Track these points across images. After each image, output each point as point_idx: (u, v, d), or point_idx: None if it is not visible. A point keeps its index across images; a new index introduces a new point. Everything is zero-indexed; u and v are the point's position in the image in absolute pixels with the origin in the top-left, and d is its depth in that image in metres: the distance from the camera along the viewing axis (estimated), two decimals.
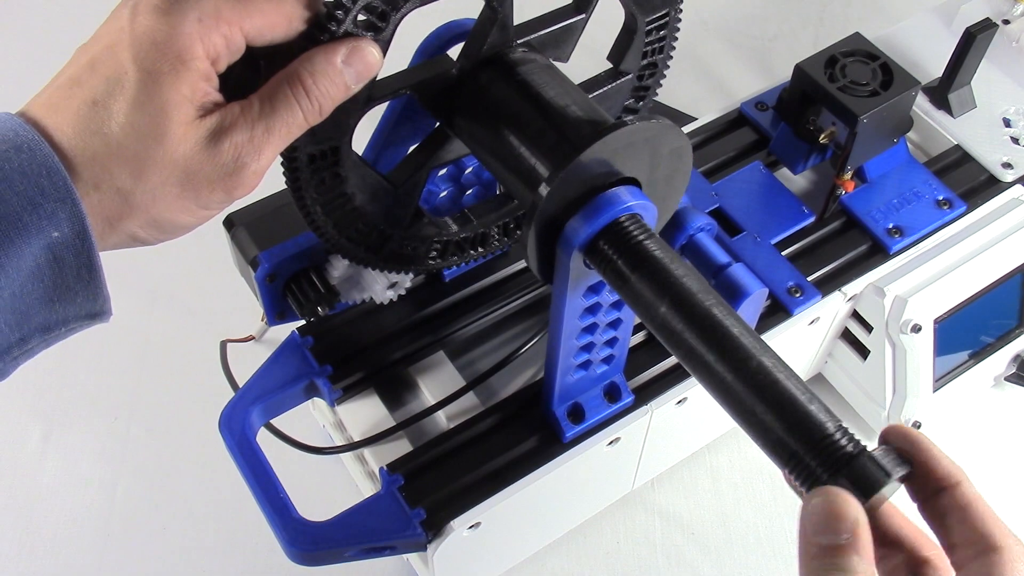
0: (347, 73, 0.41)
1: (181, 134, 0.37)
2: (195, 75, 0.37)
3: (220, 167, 0.38)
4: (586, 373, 0.55)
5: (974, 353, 0.70)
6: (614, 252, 0.43)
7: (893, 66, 0.64)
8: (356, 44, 0.41)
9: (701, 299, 0.41)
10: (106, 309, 0.39)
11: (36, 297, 0.37)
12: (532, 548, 0.66)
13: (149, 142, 0.37)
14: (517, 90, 0.47)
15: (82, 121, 0.36)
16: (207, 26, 0.37)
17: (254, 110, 0.39)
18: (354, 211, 0.49)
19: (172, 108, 0.37)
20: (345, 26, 0.40)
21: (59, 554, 0.71)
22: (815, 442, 0.37)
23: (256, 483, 0.53)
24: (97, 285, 0.38)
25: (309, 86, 0.40)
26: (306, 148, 0.44)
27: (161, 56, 0.36)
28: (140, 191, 0.37)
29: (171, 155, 0.37)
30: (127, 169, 0.37)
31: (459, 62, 0.48)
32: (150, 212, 0.38)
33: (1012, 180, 0.70)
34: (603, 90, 0.54)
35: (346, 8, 0.40)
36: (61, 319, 0.38)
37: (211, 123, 0.38)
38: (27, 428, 0.76)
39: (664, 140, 0.44)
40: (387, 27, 0.42)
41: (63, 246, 0.36)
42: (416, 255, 0.54)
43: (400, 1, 0.42)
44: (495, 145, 0.47)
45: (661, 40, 0.54)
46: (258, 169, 0.39)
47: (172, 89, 0.36)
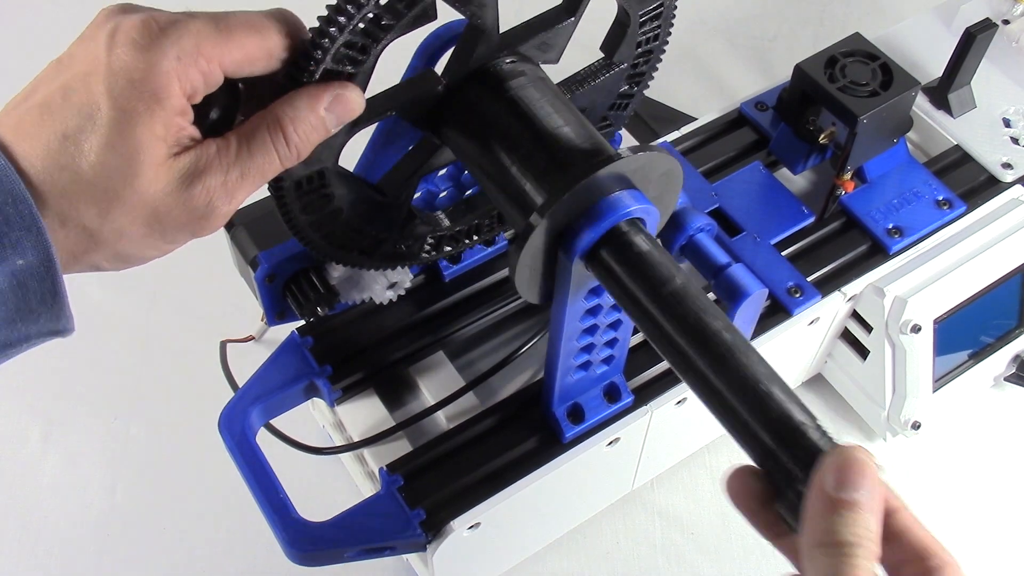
0: (328, 119, 0.40)
1: (152, 175, 0.36)
2: (170, 113, 0.36)
3: (190, 210, 0.38)
4: (586, 374, 0.55)
5: (974, 353, 0.70)
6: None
7: (893, 66, 0.64)
8: (340, 92, 0.40)
9: (696, 311, 0.41)
10: (69, 327, 0.39)
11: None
12: (532, 548, 0.66)
13: (119, 182, 0.36)
14: (506, 108, 0.46)
15: (52, 155, 0.36)
16: (186, 64, 0.36)
17: (231, 152, 0.38)
18: (344, 224, 0.49)
19: (144, 149, 0.36)
20: (324, 65, 0.40)
21: (59, 554, 0.71)
22: (793, 441, 0.37)
23: (256, 483, 0.53)
24: (60, 307, 0.38)
25: (289, 133, 0.39)
26: (293, 175, 0.44)
27: (137, 95, 0.35)
28: (107, 228, 0.37)
29: (141, 196, 0.37)
30: (95, 207, 0.36)
31: (445, 77, 0.47)
32: (115, 248, 0.38)
33: (1012, 180, 0.70)
34: (597, 82, 0.53)
35: (324, 48, 0.39)
36: (22, 337, 0.37)
37: (185, 163, 0.37)
38: (27, 428, 0.76)
39: (655, 166, 0.44)
40: (368, 59, 0.41)
41: (27, 273, 0.36)
42: (410, 252, 0.54)
43: (380, 34, 0.41)
44: (484, 162, 0.47)
45: (656, 28, 0.53)
46: (228, 212, 0.39)
47: (146, 129, 0.36)
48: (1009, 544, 0.71)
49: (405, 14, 0.41)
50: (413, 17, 0.41)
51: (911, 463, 0.74)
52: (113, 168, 0.36)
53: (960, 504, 0.73)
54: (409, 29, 0.42)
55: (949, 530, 0.71)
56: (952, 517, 0.72)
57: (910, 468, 0.74)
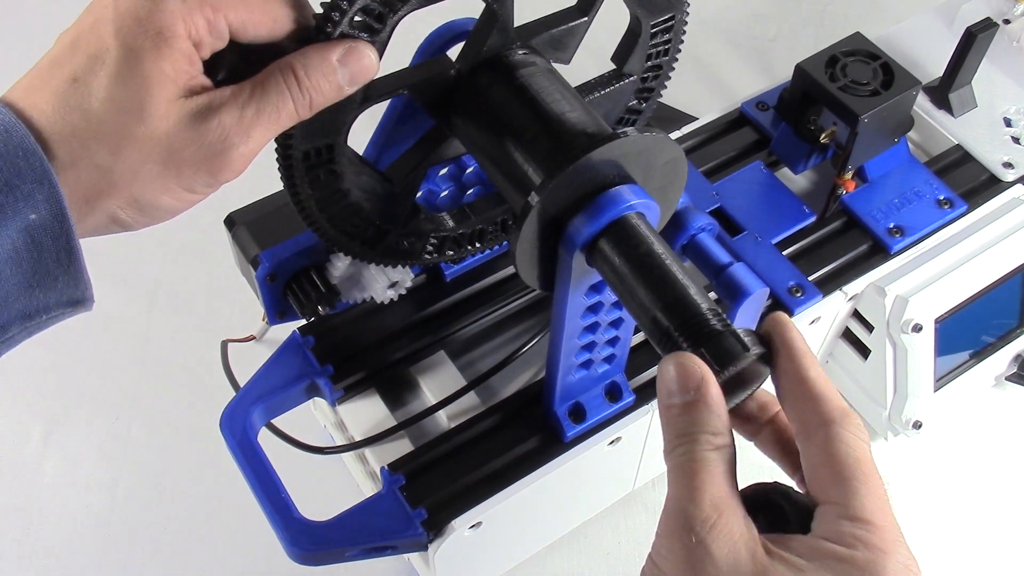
0: (341, 73, 0.40)
1: (163, 111, 0.36)
2: (177, 54, 0.36)
3: (205, 147, 0.37)
4: (587, 372, 0.55)
5: (975, 353, 0.70)
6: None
7: (894, 66, 0.64)
8: (353, 45, 0.40)
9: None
10: (88, 296, 0.39)
11: (15, 283, 0.36)
12: (533, 548, 0.66)
13: (130, 117, 0.36)
14: (515, 94, 0.46)
15: (61, 99, 0.36)
16: (190, 6, 0.36)
17: (244, 93, 0.38)
18: (349, 207, 0.49)
19: (154, 84, 0.36)
20: (341, 28, 0.40)
21: (59, 554, 0.71)
22: (686, 319, 0.39)
23: (257, 483, 0.53)
24: (77, 269, 0.37)
25: (301, 77, 0.39)
26: (301, 145, 0.44)
27: (143, 31, 0.36)
28: (120, 168, 0.37)
29: (153, 131, 0.36)
30: (106, 145, 0.36)
31: (458, 63, 0.47)
32: (130, 190, 0.38)
33: (1013, 180, 0.70)
34: (606, 91, 0.53)
35: (342, 10, 0.40)
36: (42, 306, 0.37)
37: (198, 102, 0.37)
38: (27, 428, 0.76)
39: (659, 152, 0.44)
40: (384, 29, 0.42)
41: (41, 229, 0.35)
42: (413, 250, 0.54)
43: (397, 3, 0.41)
44: (490, 148, 0.47)
45: (666, 43, 0.53)
46: (246, 152, 0.39)
47: (153, 65, 0.36)
48: (1009, 544, 0.71)
49: None
50: None
51: (912, 463, 0.74)
52: (123, 103, 0.36)
53: (961, 504, 0.73)
54: (426, 3, 0.42)
55: (949, 530, 0.71)
56: (953, 517, 0.72)
57: (911, 468, 0.74)
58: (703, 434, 0.36)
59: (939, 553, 0.71)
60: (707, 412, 0.36)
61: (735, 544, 0.33)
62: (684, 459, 0.36)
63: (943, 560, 0.70)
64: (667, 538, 0.35)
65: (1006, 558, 0.71)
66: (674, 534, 0.34)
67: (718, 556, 0.33)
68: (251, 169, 0.55)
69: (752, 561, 0.33)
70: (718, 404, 0.36)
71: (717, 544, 0.33)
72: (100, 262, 0.86)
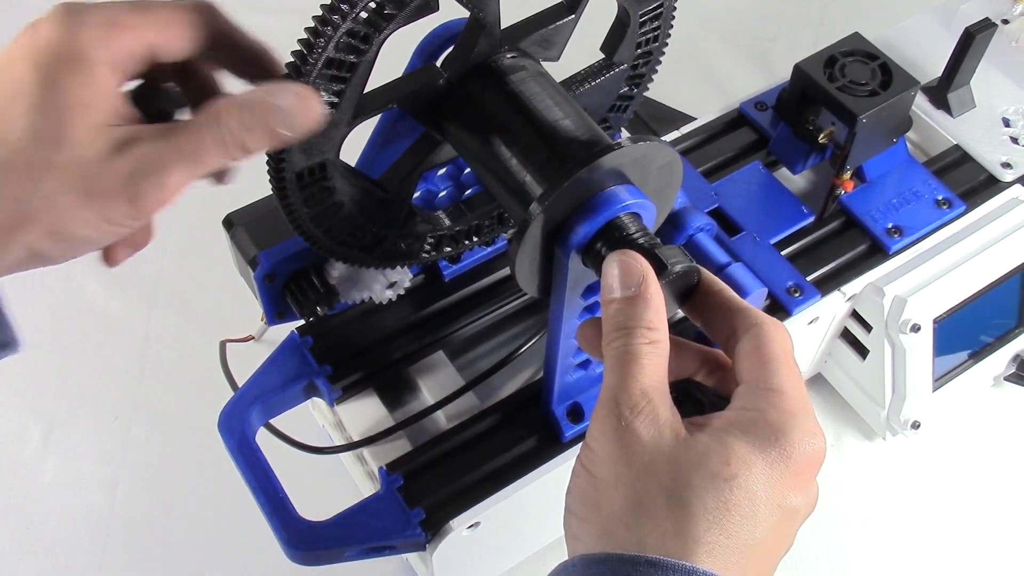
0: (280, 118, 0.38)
1: (82, 137, 0.36)
2: (98, 81, 0.36)
3: (123, 177, 0.36)
4: (585, 372, 0.55)
5: (973, 353, 0.70)
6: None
7: (892, 66, 0.65)
8: (302, 92, 0.39)
9: None
10: (13, 339, 0.38)
11: None
12: (531, 548, 0.66)
13: (47, 145, 0.35)
14: (506, 101, 0.46)
15: None
16: (108, 32, 0.36)
17: (169, 129, 0.37)
18: (344, 219, 0.49)
19: (73, 110, 0.35)
20: (327, 52, 0.40)
21: (59, 554, 0.71)
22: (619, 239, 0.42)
23: (256, 483, 0.53)
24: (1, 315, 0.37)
25: (226, 120, 0.37)
26: (294, 166, 0.44)
27: (60, 60, 0.35)
28: (37, 198, 0.36)
29: (71, 159, 0.36)
30: (23, 175, 0.35)
31: (447, 71, 0.47)
32: (49, 221, 0.36)
33: (1011, 180, 0.70)
34: (596, 82, 0.53)
35: (327, 36, 0.40)
36: None
37: (119, 132, 0.37)
38: (27, 428, 0.77)
39: (654, 157, 0.44)
40: (370, 49, 0.41)
41: None
42: (411, 251, 0.54)
43: (383, 23, 0.41)
44: (484, 156, 0.47)
45: (655, 30, 0.53)
46: (167, 186, 0.37)
47: (72, 92, 0.35)
48: (1009, 544, 0.71)
49: (408, 3, 0.41)
50: (415, 7, 0.41)
51: (911, 463, 0.74)
52: (41, 131, 0.35)
53: (960, 504, 0.73)
54: (411, 20, 0.42)
55: (948, 530, 0.71)
56: (952, 517, 0.72)
57: (910, 468, 0.74)
58: (640, 328, 0.37)
59: (939, 553, 0.71)
60: (644, 306, 0.38)
61: (660, 426, 0.36)
62: (620, 350, 0.37)
63: (943, 560, 0.70)
64: (599, 422, 0.37)
65: (1005, 558, 0.71)
66: (605, 419, 0.37)
67: (644, 436, 0.36)
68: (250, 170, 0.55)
69: (675, 438, 0.36)
70: (656, 300, 0.38)
71: (643, 426, 0.36)
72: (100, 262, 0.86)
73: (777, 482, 0.35)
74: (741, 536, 0.34)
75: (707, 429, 0.36)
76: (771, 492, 0.35)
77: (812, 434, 0.36)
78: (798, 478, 0.36)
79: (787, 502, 0.35)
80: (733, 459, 0.35)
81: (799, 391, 0.37)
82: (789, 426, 0.36)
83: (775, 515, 0.35)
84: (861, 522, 0.72)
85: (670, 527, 0.34)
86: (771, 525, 0.35)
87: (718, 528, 0.34)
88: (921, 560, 0.71)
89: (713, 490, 0.34)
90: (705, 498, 0.34)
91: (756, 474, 0.35)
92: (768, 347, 0.38)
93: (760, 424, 0.36)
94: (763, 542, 0.35)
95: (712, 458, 0.35)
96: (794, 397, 0.37)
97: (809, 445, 0.36)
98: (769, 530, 0.35)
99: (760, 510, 0.35)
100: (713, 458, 0.35)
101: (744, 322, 0.39)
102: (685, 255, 0.40)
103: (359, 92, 0.43)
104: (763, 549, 0.35)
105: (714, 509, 0.34)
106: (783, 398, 0.36)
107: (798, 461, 0.35)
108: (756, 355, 0.38)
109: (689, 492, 0.34)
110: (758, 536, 0.35)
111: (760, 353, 0.38)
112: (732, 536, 0.34)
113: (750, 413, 0.36)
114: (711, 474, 0.35)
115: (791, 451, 0.35)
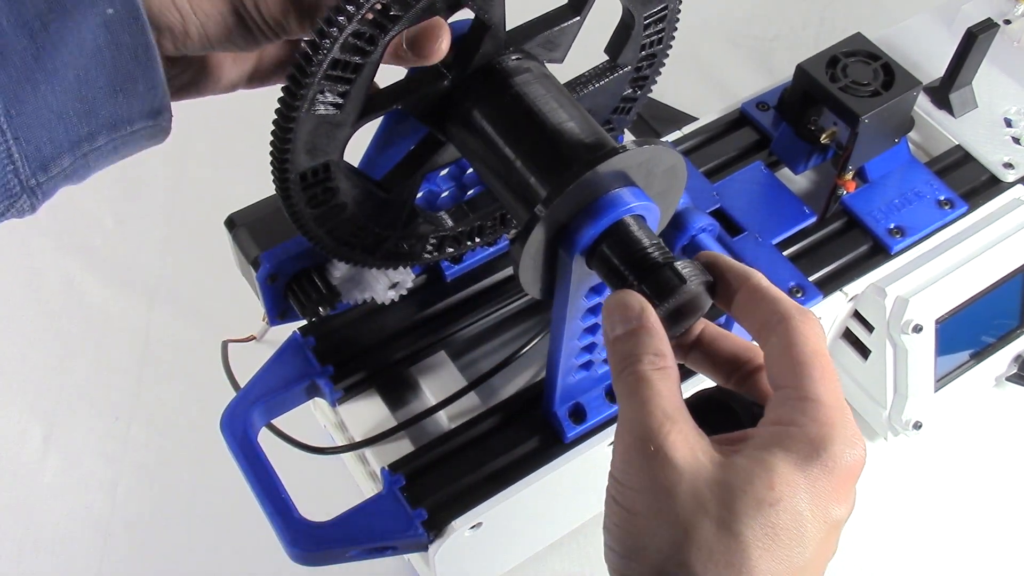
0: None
1: None
2: None
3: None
4: (588, 373, 0.55)
5: (975, 353, 0.70)
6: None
7: (894, 66, 0.64)
8: None
9: None
10: (165, 105, 0.41)
11: (100, 84, 0.38)
12: (533, 548, 0.66)
13: None
14: (511, 104, 0.46)
15: None
16: None
17: None
18: (347, 220, 0.49)
19: None
20: (333, 53, 0.40)
21: (59, 554, 0.71)
22: (630, 256, 0.41)
23: (257, 483, 0.53)
24: (155, 70, 0.39)
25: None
26: (297, 167, 0.44)
27: None
28: None
29: None
30: None
31: (451, 72, 0.47)
32: None
33: (1013, 180, 0.70)
34: (600, 84, 0.53)
35: (333, 37, 0.40)
36: (125, 115, 0.39)
37: None
38: (27, 428, 0.76)
39: (659, 160, 0.44)
40: (376, 50, 0.41)
41: (118, 25, 0.38)
42: (413, 252, 0.54)
43: (388, 24, 0.41)
44: (488, 158, 0.47)
45: (660, 32, 0.53)
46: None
47: None
48: (1010, 544, 0.71)
49: (413, 5, 0.41)
50: (421, 9, 0.41)
51: (912, 463, 0.74)
52: None
53: (961, 504, 0.73)
54: (417, 21, 0.42)
55: (949, 530, 0.72)
56: (953, 517, 0.72)
57: (911, 468, 0.74)
58: (647, 355, 0.37)
59: (940, 553, 0.71)
60: (647, 336, 0.37)
61: (692, 448, 0.35)
62: (631, 379, 0.37)
63: (944, 560, 0.70)
64: (626, 453, 0.36)
65: (1006, 558, 0.71)
66: (632, 448, 0.35)
67: (678, 460, 0.34)
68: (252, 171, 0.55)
69: (711, 462, 0.35)
70: (659, 329, 0.38)
71: (675, 450, 0.34)
72: (101, 262, 0.86)
73: (821, 498, 0.34)
74: (792, 560, 0.33)
75: (745, 450, 0.35)
76: (816, 509, 0.34)
77: (852, 443, 0.35)
78: (841, 489, 0.35)
79: (832, 516, 0.34)
80: (777, 482, 0.34)
81: (836, 396, 0.36)
82: (829, 439, 0.34)
83: (822, 531, 0.34)
84: (862, 522, 0.72)
85: (723, 559, 0.33)
86: (819, 541, 0.34)
87: (769, 555, 0.33)
88: (922, 560, 0.71)
89: (760, 516, 0.33)
90: (753, 525, 0.33)
91: (800, 494, 0.34)
92: (798, 347, 0.36)
93: (799, 440, 0.34)
94: (813, 560, 0.34)
95: (756, 482, 0.34)
96: (831, 405, 0.35)
97: (850, 455, 0.35)
98: (817, 546, 0.34)
99: (808, 529, 0.34)
100: (757, 482, 0.34)
101: (773, 315, 0.37)
102: (695, 272, 0.39)
103: (364, 93, 0.43)
104: (813, 567, 0.34)
105: (763, 536, 0.33)
106: (820, 408, 0.35)
107: (840, 474, 0.34)
108: (787, 357, 0.36)
109: (736, 520, 0.33)
110: (808, 556, 0.34)
111: (791, 355, 0.36)
112: (783, 560, 0.33)
113: (788, 429, 0.35)
114: (756, 500, 0.33)
115: (833, 465, 0.34)
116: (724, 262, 0.40)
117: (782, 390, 0.36)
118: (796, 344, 0.36)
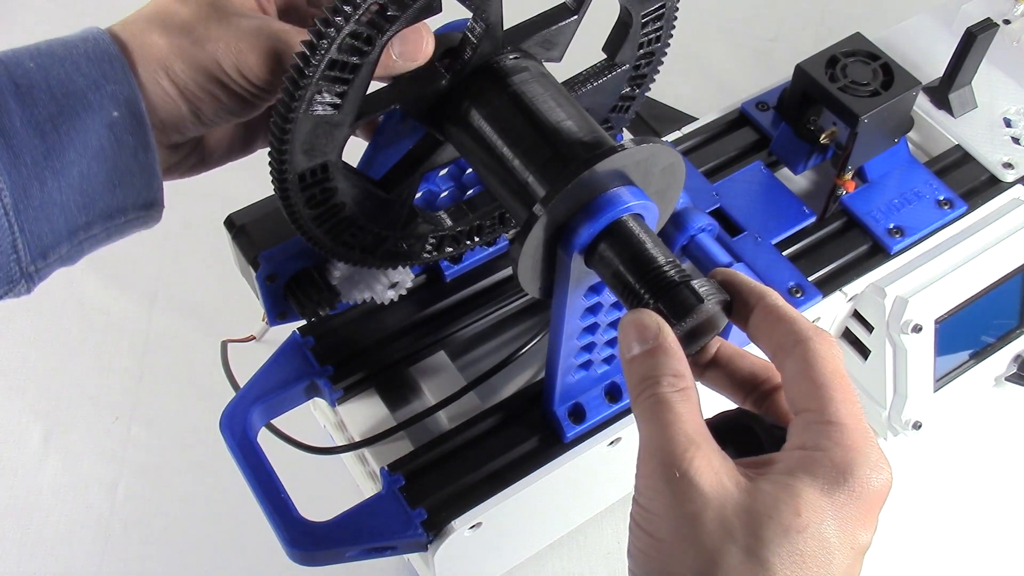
0: None
1: None
2: None
3: None
4: (587, 373, 0.55)
5: (975, 353, 0.70)
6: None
7: (894, 66, 0.64)
8: None
9: None
10: (158, 199, 0.44)
11: (100, 180, 0.41)
12: (533, 548, 0.66)
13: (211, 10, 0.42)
14: (509, 103, 0.46)
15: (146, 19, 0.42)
16: None
17: None
18: (346, 220, 0.49)
19: None
20: (330, 54, 0.40)
21: (59, 554, 0.71)
22: (645, 274, 0.41)
23: (257, 483, 0.53)
24: (152, 166, 0.42)
25: None
26: (296, 167, 0.44)
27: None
28: None
29: None
30: None
31: (449, 72, 0.47)
32: None
33: (1013, 180, 0.70)
34: (598, 83, 0.53)
35: (330, 38, 0.40)
36: (121, 206, 0.42)
37: None
38: (27, 428, 0.76)
39: (657, 159, 0.44)
40: (373, 50, 0.41)
41: (122, 127, 0.41)
42: (412, 251, 0.54)
43: (385, 24, 0.41)
44: (487, 158, 0.47)
45: (658, 30, 0.53)
46: None
47: None
48: (1010, 544, 0.71)
49: (410, 5, 0.41)
50: (418, 9, 0.41)
51: (912, 463, 0.74)
52: None
53: (961, 504, 0.73)
54: (414, 21, 0.42)
55: (950, 530, 0.72)
56: (953, 517, 0.72)
57: (911, 468, 0.74)
58: (665, 376, 0.36)
59: (940, 553, 0.71)
60: (665, 356, 0.37)
61: (717, 472, 0.34)
62: (651, 400, 0.36)
63: (944, 560, 0.70)
64: (649, 479, 0.35)
65: (1006, 558, 0.71)
66: (655, 472, 0.35)
67: (704, 486, 0.34)
68: (252, 171, 0.55)
69: (737, 487, 0.34)
70: (676, 349, 0.37)
71: (701, 475, 0.34)
72: (100, 262, 0.86)
73: (848, 523, 0.34)
74: None
75: (770, 475, 0.35)
76: (843, 535, 0.34)
77: (878, 467, 0.35)
78: (868, 515, 0.34)
79: (859, 541, 0.34)
80: (804, 508, 0.33)
81: (858, 419, 0.35)
82: (855, 464, 0.34)
83: (848, 558, 0.34)
84: None
85: None
86: (845, 568, 0.34)
87: None
88: (923, 560, 0.71)
89: (787, 543, 0.33)
90: (780, 552, 0.33)
91: (827, 520, 0.33)
92: (817, 369, 0.36)
93: (825, 465, 0.34)
94: None
95: (782, 508, 0.33)
96: (855, 429, 0.35)
97: (876, 480, 0.34)
98: (844, 573, 0.34)
99: (835, 556, 0.34)
100: (783, 508, 0.33)
101: (789, 336, 0.37)
102: (712, 291, 0.39)
103: (362, 93, 0.43)
104: None
105: (790, 563, 0.33)
106: (844, 432, 0.35)
107: (867, 499, 0.34)
108: (806, 380, 0.36)
109: (763, 547, 0.33)
110: None
111: (810, 377, 0.36)
112: None
113: (813, 454, 0.35)
114: (783, 527, 0.33)
115: (860, 491, 0.34)
116: (740, 280, 0.39)
117: (804, 414, 0.36)
118: (815, 366, 0.36)
